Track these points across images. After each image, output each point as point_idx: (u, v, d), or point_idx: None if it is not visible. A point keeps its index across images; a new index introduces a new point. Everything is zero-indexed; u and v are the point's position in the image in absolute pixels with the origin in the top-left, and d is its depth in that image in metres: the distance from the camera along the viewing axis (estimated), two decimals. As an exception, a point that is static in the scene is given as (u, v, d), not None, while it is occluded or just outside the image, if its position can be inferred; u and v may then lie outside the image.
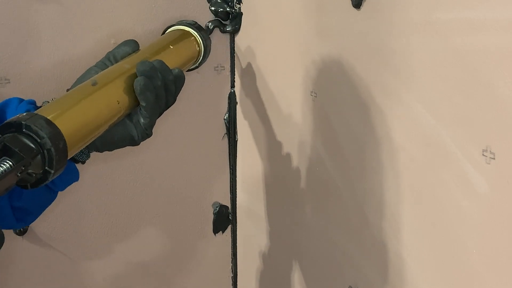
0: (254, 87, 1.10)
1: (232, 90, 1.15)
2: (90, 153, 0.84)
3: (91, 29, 0.99)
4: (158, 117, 0.84)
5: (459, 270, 0.74)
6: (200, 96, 1.12)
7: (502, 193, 0.67)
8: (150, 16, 1.04)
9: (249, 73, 1.11)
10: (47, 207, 0.87)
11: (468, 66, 0.69)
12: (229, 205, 1.21)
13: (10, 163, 0.62)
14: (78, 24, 0.98)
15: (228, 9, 1.09)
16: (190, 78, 1.09)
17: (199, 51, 1.00)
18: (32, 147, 0.64)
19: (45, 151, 0.65)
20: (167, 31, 1.02)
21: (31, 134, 0.65)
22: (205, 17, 1.09)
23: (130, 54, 0.87)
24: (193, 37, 1.00)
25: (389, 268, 0.86)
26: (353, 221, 0.92)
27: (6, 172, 0.61)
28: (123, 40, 1.01)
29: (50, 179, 0.66)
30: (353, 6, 0.84)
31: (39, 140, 0.65)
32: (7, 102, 0.84)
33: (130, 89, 0.80)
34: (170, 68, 0.84)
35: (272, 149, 1.09)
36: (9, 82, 0.95)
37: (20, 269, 1.03)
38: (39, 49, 0.96)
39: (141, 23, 1.03)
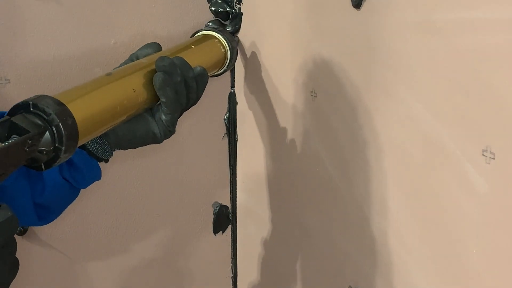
0: (254, 87, 1.10)
1: (232, 90, 1.15)
2: (113, 151, 0.84)
3: (91, 29, 0.99)
4: (181, 115, 0.84)
5: (459, 269, 0.74)
6: (200, 96, 1.12)
7: (502, 193, 0.67)
8: (150, 15, 1.04)
9: (249, 73, 1.11)
10: (68, 205, 0.87)
11: (468, 66, 0.69)
12: (229, 205, 1.21)
13: (17, 138, 0.63)
14: (78, 24, 0.98)
15: (228, 9, 1.09)
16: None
17: (225, 53, 1.01)
18: (39, 123, 0.65)
19: (53, 128, 0.65)
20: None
21: (38, 112, 0.65)
22: (205, 17, 1.09)
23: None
24: (216, 39, 1.01)
25: (389, 268, 0.86)
26: (353, 221, 0.92)
27: (12, 145, 0.61)
28: (122, 41, 1.02)
29: (62, 157, 0.66)
30: (353, 6, 0.84)
31: (46, 117, 0.65)
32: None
33: (149, 83, 0.80)
34: (192, 66, 0.84)
35: (272, 149, 1.09)
36: (9, 82, 0.95)
37: (19, 269, 1.03)
38: (39, 49, 0.96)
39: (141, 22, 1.03)
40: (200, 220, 1.19)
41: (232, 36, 1.04)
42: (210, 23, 1.08)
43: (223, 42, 1.01)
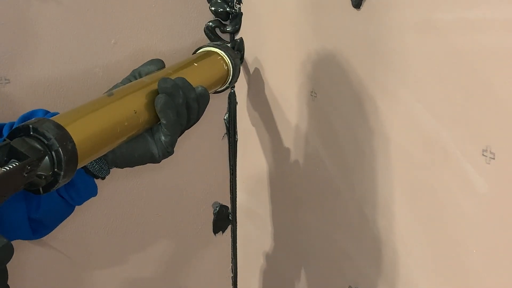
0: (254, 87, 1.10)
1: (232, 90, 1.14)
2: (110, 169, 0.84)
3: (91, 29, 0.99)
4: (181, 135, 0.83)
5: (459, 269, 0.74)
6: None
7: (502, 193, 0.67)
8: (150, 15, 1.04)
9: (249, 74, 1.11)
10: (63, 220, 0.87)
11: (468, 66, 0.69)
12: (229, 205, 1.21)
13: (17, 163, 0.62)
14: (78, 24, 0.98)
15: (228, 9, 1.09)
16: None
17: (228, 70, 1.00)
18: (38, 148, 0.65)
19: (53, 152, 0.65)
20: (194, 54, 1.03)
21: (38, 136, 0.65)
22: (205, 17, 1.09)
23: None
24: (220, 56, 1.00)
25: (389, 268, 0.86)
26: (353, 221, 0.92)
27: (11, 171, 0.61)
28: (122, 40, 1.02)
29: (61, 182, 0.66)
30: (353, 6, 0.84)
31: (46, 142, 0.65)
32: (33, 113, 0.85)
33: (150, 104, 0.80)
34: (194, 86, 0.84)
35: (272, 149, 1.09)
36: (9, 82, 0.95)
37: (19, 269, 1.03)
38: (39, 49, 0.96)
39: (141, 23, 1.03)
40: (200, 220, 1.19)
41: (235, 53, 1.03)
42: (211, 23, 1.09)
43: (226, 59, 1.00)
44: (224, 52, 1.00)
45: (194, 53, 1.03)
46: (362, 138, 0.87)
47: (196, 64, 0.94)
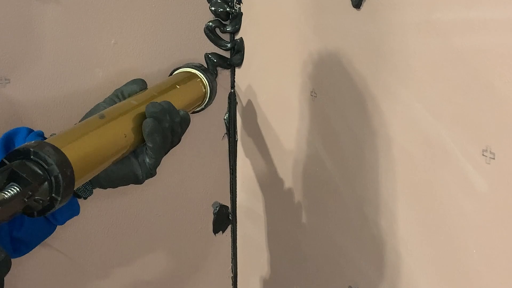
0: (254, 87, 1.10)
1: (232, 90, 1.14)
2: (93, 190, 0.84)
3: (91, 29, 0.99)
4: (162, 157, 0.84)
5: (459, 269, 0.74)
6: (200, 96, 1.12)
7: (502, 193, 0.67)
8: (150, 15, 1.04)
9: (249, 73, 1.11)
10: (44, 240, 0.87)
11: (468, 66, 0.69)
12: (229, 205, 1.21)
13: (18, 188, 0.62)
14: (78, 24, 0.98)
15: (228, 9, 1.09)
16: (190, 78, 1.09)
17: (205, 93, 1.02)
18: (39, 173, 0.65)
19: (53, 178, 0.65)
20: (174, 73, 1.04)
21: (39, 160, 0.65)
22: (205, 17, 1.09)
23: (137, 92, 0.89)
24: (199, 79, 1.01)
25: (389, 268, 0.86)
26: (353, 221, 0.92)
27: (13, 197, 0.61)
28: (122, 40, 1.02)
29: (56, 207, 0.66)
30: (353, 6, 0.84)
31: (46, 167, 0.65)
32: (16, 131, 0.85)
33: (137, 127, 0.81)
34: (177, 109, 0.85)
35: (272, 149, 1.09)
36: (9, 82, 0.95)
37: (19, 269, 1.03)
38: (39, 49, 0.96)
39: (141, 22, 1.03)
40: (200, 220, 1.19)
41: (213, 77, 1.05)
42: (210, 23, 1.08)
43: (204, 82, 1.02)
44: (204, 75, 1.02)
45: (172, 73, 1.04)
46: (362, 138, 0.87)
47: (178, 87, 0.96)
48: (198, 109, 1.03)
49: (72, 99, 0.99)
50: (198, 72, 1.02)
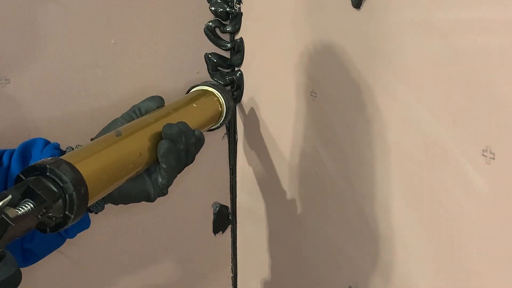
0: (254, 87, 1.10)
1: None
2: (105, 205, 0.84)
3: (91, 29, 0.99)
4: (175, 177, 0.84)
5: (459, 269, 0.75)
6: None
7: (502, 193, 0.67)
8: (150, 15, 1.04)
9: (249, 73, 1.11)
10: (53, 251, 0.87)
11: (468, 66, 0.69)
12: (229, 205, 1.21)
13: (32, 205, 0.63)
14: (78, 24, 0.98)
15: (228, 9, 1.09)
16: (191, 79, 1.09)
17: (221, 112, 1.02)
18: (54, 190, 0.65)
19: (67, 196, 0.66)
20: (191, 91, 1.04)
21: (55, 178, 0.65)
22: (205, 17, 1.09)
23: (154, 109, 0.89)
24: (216, 98, 1.01)
25: (389, 268, 0.86)
26: (353, 221, 0.92)
27: (27, 213, 0.61)
28: (123, 40, 1.02)
29: (69, 224, 0.67)
30: (353, 6, 0.84)
31: (62, 184, 0.65)
32: (32, 142, 0.85)
33: (153, 146, 0.81)
34: (192, 128, 0.85)
35: (272, 149, 1.09)
36: (9, 82, 0.95)
37: (22, 270, 1.03)
38: (39, 49, 0.96)
39: (141, 22, 1.03)
40: (200, 220, 1.19)
41: (230, 95, 1.05)
42: (210, 23, 1.09)
43: (221, 101, 1.01)
44: (221, 94, 1.01)
45: (189, 90, 1.04)
46: (362, 138, 0.87)
47: (195, 105, 0.96)
48: (213, 127, 1.03)
49: (72, 99, 0.99)
50: (215, 91, 1.02)
